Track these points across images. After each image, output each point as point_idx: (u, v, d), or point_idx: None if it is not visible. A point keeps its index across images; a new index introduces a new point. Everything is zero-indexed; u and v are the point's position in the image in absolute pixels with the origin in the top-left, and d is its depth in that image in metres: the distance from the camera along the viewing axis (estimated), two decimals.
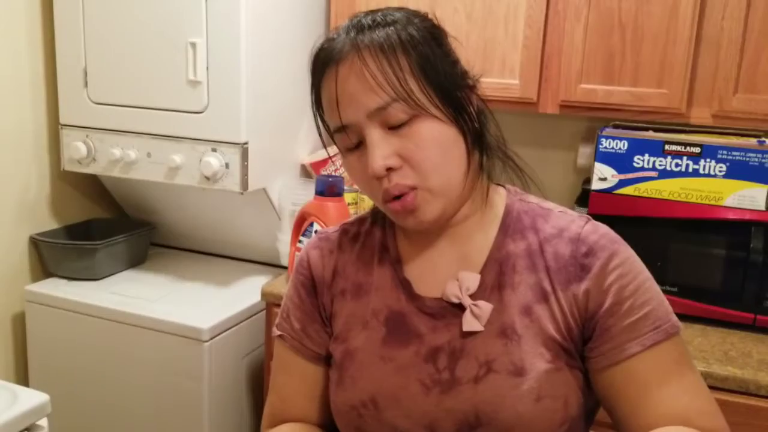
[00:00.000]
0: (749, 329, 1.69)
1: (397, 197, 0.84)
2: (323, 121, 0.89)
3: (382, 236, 0.97)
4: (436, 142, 0.83)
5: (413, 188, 0.84)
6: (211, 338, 1.83)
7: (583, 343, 0.87)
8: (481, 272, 0.89)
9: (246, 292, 2.02)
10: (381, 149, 0.82)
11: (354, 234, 1.00)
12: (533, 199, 0.96)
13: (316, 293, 0.98)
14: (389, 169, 0.83)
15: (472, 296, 0.88)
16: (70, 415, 2.01)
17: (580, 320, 0.86)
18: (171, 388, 1.87)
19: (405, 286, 0.92)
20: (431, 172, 0.83)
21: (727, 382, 1.49)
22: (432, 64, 0.84)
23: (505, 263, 0.89)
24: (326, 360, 0.98)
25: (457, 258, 0.92)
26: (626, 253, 0.88)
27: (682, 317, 1.70)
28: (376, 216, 1.00)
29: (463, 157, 0.86)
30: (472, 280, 0.89)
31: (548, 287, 0.87)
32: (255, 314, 1.99)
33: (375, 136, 0.83)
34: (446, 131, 0.84)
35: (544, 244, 0.89)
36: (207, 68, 1.83)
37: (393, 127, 0.83)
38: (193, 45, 1.82)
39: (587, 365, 0.88)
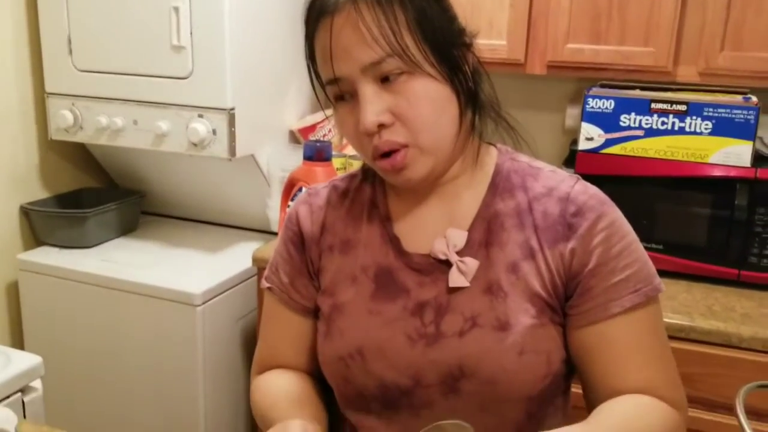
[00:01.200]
0: (733, 284, 1.72)
1: (387, 154, 0.85)
2: (316, 73, 0.88)
3: (371, 193, 0.98)
4: (430, 100, 0.83)
5: (404, 146, 0.84)
6: (204, 303, 1.85)
7: (566, 300, 0.89)
8: (469, 230, 0.90)
9: (237, 257, 2.03)
10: (373, 105, 0.82)
11: (343, 190, 1.00)
12: (524, 158, 0.96)
13: (304, 248, 0.99)
14: (381, 126, 0.83)
15: (459, 253, 0.89)
16: (65, 380, 2.03)
17: (565, 278, 0.88)
18: (165, 353, 1.89)
19: (394, 242, 0.93)
20: (423, 130, 0.84)
21: (711, 335, 1.52)
22: (429, 20, 0.83)
23: (494, 221, 0.90)
24: (313, 313, 0.99)
25: (445, 216, 0.93)
26: (614, 214, 0.89)
27: (668, 274, 1.75)
28: (366, 173, 1.01)
29: (455, 116, 0.86)
30: (459, 237, 0.90)
31: (536, 245, 0.88)
32: (247, 279, 2.00)
33: (368, 91, 0.82)
34: (440, 89, 0.84)
35: (533, 203, 0.90)
36: (190, 33, 1.82)
37: (386, 83, 0.82)
38: (176, 9, 1.81)
39: (565, 322, 0.89)
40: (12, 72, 2.04)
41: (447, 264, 0.90)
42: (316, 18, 0.84)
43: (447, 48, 0.85)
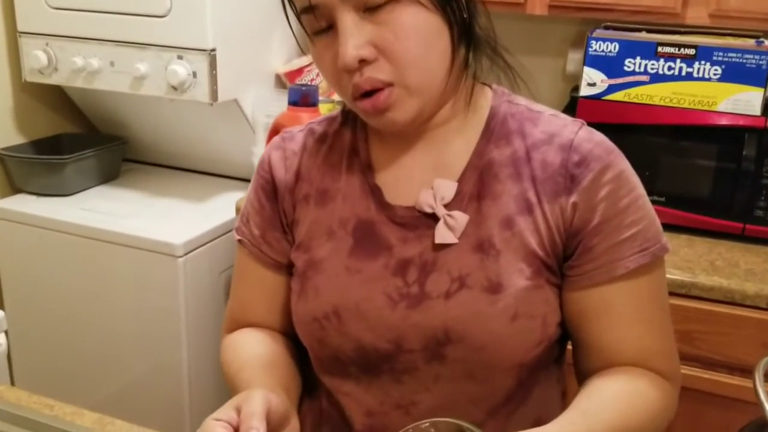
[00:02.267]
0: (737, 239, 1.65)
1: (368, 94, 0.75)
2: (289, 1, 0.78)
3: (352, 138, 0.89)
4: (419, 32, 0.73)
5: (388, 84, 0.74)
6: (186, 254, 1.78)
7: (564, 260, 0.81)
8: (459, 180, 0.82)
9: (221, 207, 1.96)
10: (354, 38, 0.72)
11: (321, 134, 0.91)
12: (522, 101, 0.86)
13: (276, 198, 0.90)
14: (362, 61, 0.73)
15: (448, 206, 0.81)
16: (45, 331, 1.98)
17: (565, 235, 0.80)
18: (146, 305, 1.83)
19: (375, 193, 0.85)
20: (410, 67, 0.74)
21: (713, 292, 1.45)
22: None
23: (487, 171, 0.81)
24: (287, 269, 0.92)
25: (433, 164, 0.84)
26: (621, 165, 0.81)
27: (670, 227, 1.67)
28: (346, 116, 0.91)
29: (447, 51, 0.76)
30: (447, 188, 0.81)
31: (533, 198, 0.80)
32: (230, 231, 1.93)
33: (348, 21, 0.72)
34: (431, 20, 0.74)
35: (531, 151, 0.81)
36: None
37: (369, 10, 0.72)
38: None
39: (562, 282, 0.82)
40: None
41: (434, 218, 0.81)
42: None
43: None
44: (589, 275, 0.80)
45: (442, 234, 0.80)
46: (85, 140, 2.14)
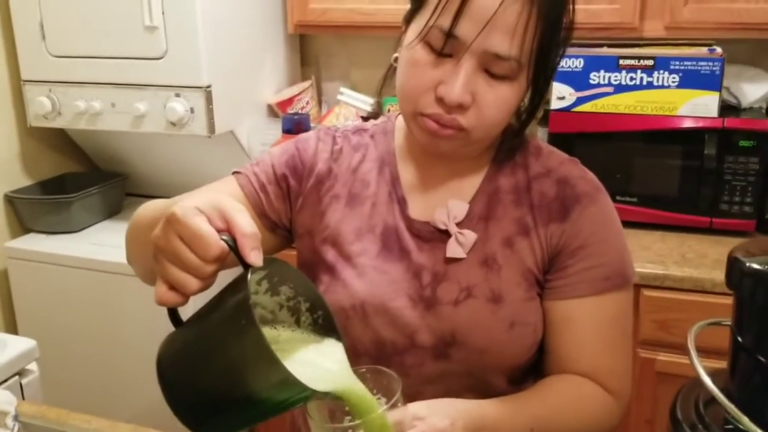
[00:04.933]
0: (706, 232, 1.77)
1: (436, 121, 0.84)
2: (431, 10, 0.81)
3: (383, 152, 0.98)
4: (509, 106, 0.84)
5: (462, 130, 0.84)
6: None
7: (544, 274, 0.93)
8: (471, 202, 0.92)
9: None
10: (467, 84, 0.80)
11: (355, 144, 0.99)
12: (526, 136, 0.98)
13: (302, 177, 0.96)
14: (459, 105, 0.81)
15: (459, 224, 0.91)
16: (60, 364, 2.06)
17: (550, 255, 0.91)
18: (157, 329, 1.90)
19: (401, 204, 0.94)
20: (486, 127, 0.84)
21: (684, 282, 1.57)
22: (551, 44, 0.82)
23: (494, 196, 0.93)
24: (271, 225, 0.96)
25: (450, 186, 0.94)
26: (605, 201, 0.93)
27: (643, 225, 1.80)
28: (377, 130, 1.00)
29: (513, 113, 0.87)
30: (460, 208, 0.92)
31: (530, 222, 0.91)
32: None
33: (471, 67, 0.80)
34: (521, 95, 0.85)
35: (531, 182, 0.93)
36: (162, 13, 1.83)
37: (488, 71, 0.81)
38: None
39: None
40: None
41: (446, 234, 0.91)
42: None
43: (549, 68, 0.85)
44: (557, 290, 0.91)
45: (453, 249, 0.91)
46: (88, 178, 2.24)
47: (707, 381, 0.62)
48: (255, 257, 0.63)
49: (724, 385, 0.67)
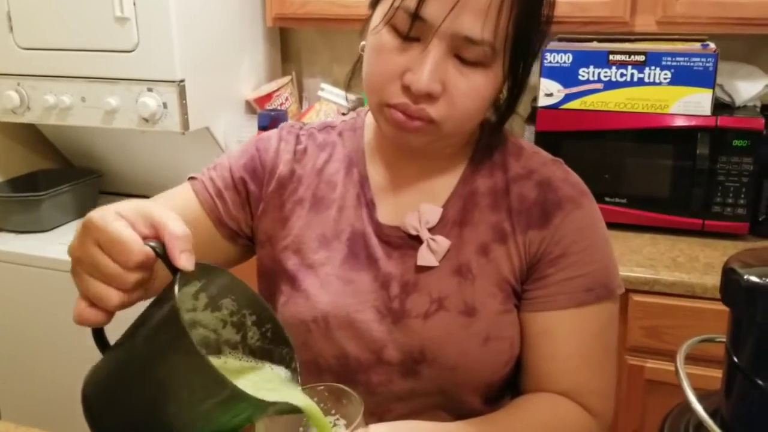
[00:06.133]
0: (698, 235, 1.71)
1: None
2: None
3: (351, 151, 0.91)
4: (483, 96, 0.77)
5: (431, 122, 0.76)
6: None
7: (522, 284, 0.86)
8: (444, 206, 0.86)
9: None
10: (435, 71, 0.73)
11: (321, 142, 0.92)
12: (507, 134, 0.90)
13: (262, 180, 0.90)
14: (427, 95, 0.74)
15: (432, 230, 0.84)
16: (30, 366, 2.00)
17: (528, 263, 0.84)
18: None
19: (369, 207, 0.87)
20: (458, 119, 0.77)
21: (675, 287, 1.51)
22: (528, 28, 0.75)
23: (470, 200, 0.86)
24: (223, 229, 0.90)
25: (422, 188, 0.87)
26: (590, 207, 0.86)
27: (633, 227, 1.73)
28: (346, 127, 0.93)
29: (487, 105, 0.80)
30: (433, 213, 0.85)
31: (508, 228, 0.84)
32: None
33: (440, 52, 0.73)
34: (495, 86, 0.78)
35: (510, 184, 0.86)
36: (134, 3, 1.75)
37: (459, 57, 0.74)
38: None
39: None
40: None
41: (418, 240, 0.84)
42: None
43: (526, 57, 0.78)
44: (537, 301, 0.84)
45: (425, 257, 0.83)
46: (60, 175, 2.16)
47: (698, 408, 0.56)
48: (185, 260, 0.57)
49: (716, 409, 0.60)
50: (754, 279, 0.53)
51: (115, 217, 0.57)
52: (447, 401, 0.84)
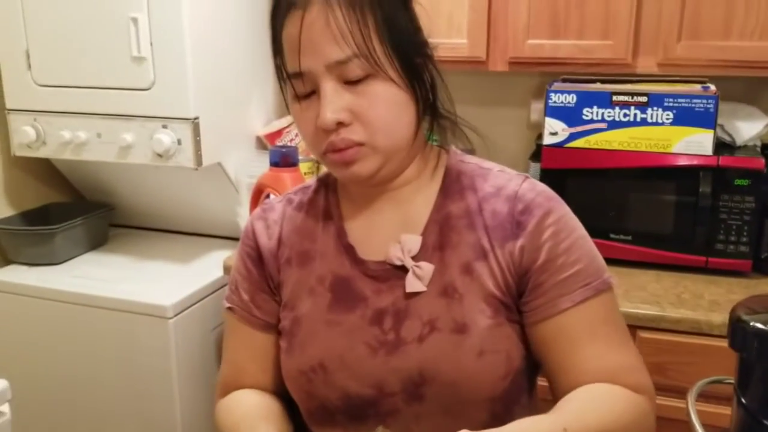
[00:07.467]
0: (702, 272, 1.74)
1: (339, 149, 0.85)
2: (280, 66, 0.88)
3: (325, 204, 0.98)
4: (389, 103, 0.84)
5: (359, 144, 0.84)
6: (176, 315, 1.83)
7: (519, 297, 0.89)
8: (423, 234, 0.91)
9: (208, 267, 2.02)
10: (334, 103, 0.82)
11: (298, 203, 1.00)
12: (473, 159, 0.97)
13: (262, 263, 0.99)
14: (339, 124, 0.83)
15: (415, 258, 0.89)
16: (39, 401, 2.01)
17: (516, 275, 0.88)
18: (139, 366, 1.87)
19: (349, 251, 0.93)
20: (380, 131, 0.84)
21: (681, 323, 1.53)
22: (397, 27, 0.84)
23: (446, 224, 0.91)
24: (276, 328, 0.99)
25: (399, 221, 0.93)
26: (561, 210, 0.90)
27: (637, 264, 1.76)
28: (320, 184, 1.01)
29: (412, 122, 0.87)
30: (413, 242, 0.90)
31: (487, 245, 0.89)
32: (219, 288, 1.98)
33: (329, 89, 0.82)
34: (400, 94, 0.85)
35: (482, 203, 0.91)
36: (150, 44, 1.80)
37: (349, 83, 0.83)
38: (135, 20, 1.79)
39: (522, 319, 0.90)
40: None
41: (403, 269, 0.90)
42: (286, 8, 0.84)
43: (411, 56, 0.86)
44: (540, 309, 0.87)
45: (412, 283, 0.89)
46: (72, 209, 2.20)
47: None
48: None
49: None
50: (760, 326, 0.56)
51: None
52: (454, 421, 0.87)
